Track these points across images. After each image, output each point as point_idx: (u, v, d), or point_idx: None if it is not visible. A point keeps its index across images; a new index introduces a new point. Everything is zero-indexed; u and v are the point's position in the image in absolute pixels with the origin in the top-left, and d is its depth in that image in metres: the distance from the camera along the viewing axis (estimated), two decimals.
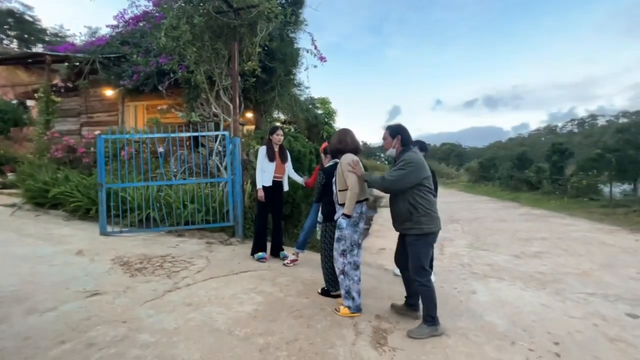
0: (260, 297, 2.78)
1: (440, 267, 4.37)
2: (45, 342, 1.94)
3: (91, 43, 8.24)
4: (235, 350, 2.00)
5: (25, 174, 6.15)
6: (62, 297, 2.56)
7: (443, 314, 2.81)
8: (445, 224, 7.94)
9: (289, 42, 6.50)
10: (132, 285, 2.85)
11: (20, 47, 33.01)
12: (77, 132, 8.46)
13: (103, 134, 4.91)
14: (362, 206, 2.68)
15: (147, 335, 2.09)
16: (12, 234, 4.29)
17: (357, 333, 2.37)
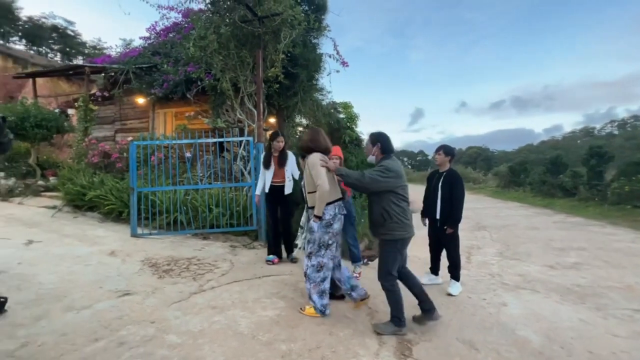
0: (283, 302, 2.79)
1: (467, 277, 4.20)
2: (81, 339, 2.04)
3: (125, 54, 8.73)
4: (258, 355, 2.01)
5: (65, 178, 6.57)
6: (96, 296, 2.69)
7: (471, 325, 2.70)
8: (472, 231, 7.64)
9: (311, 48, 6.56)
10: (160, 286, 2.95)
11: (62, 59, 35.53)
12: (112, 138, 8.95)
13: (135, 140, 5.16)
14: (335, 207, 2.60)
15: (173, 336, 2.15)
16: (53, 235, 4.57)
17: (380, 343, 2.31)
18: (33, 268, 3.24)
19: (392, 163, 2.49)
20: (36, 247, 3.98)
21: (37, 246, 4.00)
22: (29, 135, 7.43)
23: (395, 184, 2.44)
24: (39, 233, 4.60)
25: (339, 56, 5.89)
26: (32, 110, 7.49)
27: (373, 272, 4.21)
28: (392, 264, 2.48)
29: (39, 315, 2.31)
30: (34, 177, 7.77)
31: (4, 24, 35.05)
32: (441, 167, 3.57)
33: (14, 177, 7.68)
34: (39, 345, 1.96)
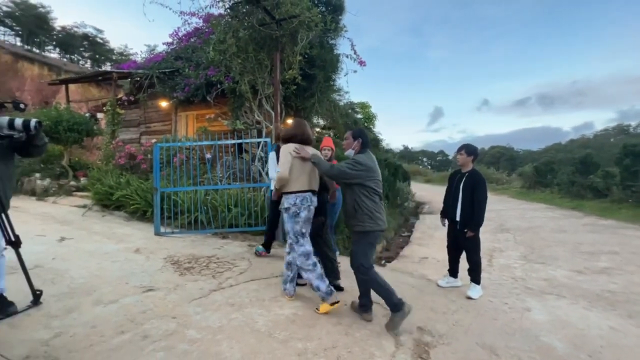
0: (299, 302, 2.81)
1: (488, 280, 4.08)
2: (109, 331, 2.15)
3: (150, 60, 9.08)
4: (274, 352, 2.04)
5: (95, 178, 6.91)
6: (123, 291, 2.82)
7: (492, 330, 2.62)
8: (495, 233, 7.40)
9: (328, 49, 6.58)
10: (181, 283, 3.05)
11: (92, 66, 37.38)
12: (137, 140, 9.34)
13: (159, 142, 5.36)
14: (296, 197, 2.67)
15: (194, 331, 2.22)
16: (83, 232, 4.83)
17: (397, 345, 2.29)
18: (65, 263, 3.43)
19: (364, 157, 2.57)
20: (68, 243, 4.21)
21: (69, 243, 4.24)
22: (62, 139, 7.87)
23: (364, 176, 2.52)
24: (71, 230, 4.87)
25: (356, 56, 5.87)
26: (64, 115, 7.93)
27: (389, 273, 4.17)
28: (364, 256, 2.55)
29: (71, 308, 2.45)
30: (67, 178, 8.22)
31: (41, 34, 37.24)
32: (463, 168, 3.47)
33: (49, 178, 8.16)
34: (71, 336, 2.08)
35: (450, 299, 3.26)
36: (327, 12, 6.29)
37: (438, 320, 2.76)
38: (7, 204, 2.28)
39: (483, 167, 29.93)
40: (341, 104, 10.24)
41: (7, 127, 2.01)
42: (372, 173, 2.56)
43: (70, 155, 8.83)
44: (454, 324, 2.71)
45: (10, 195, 2.35)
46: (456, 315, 2.90)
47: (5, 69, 22.89)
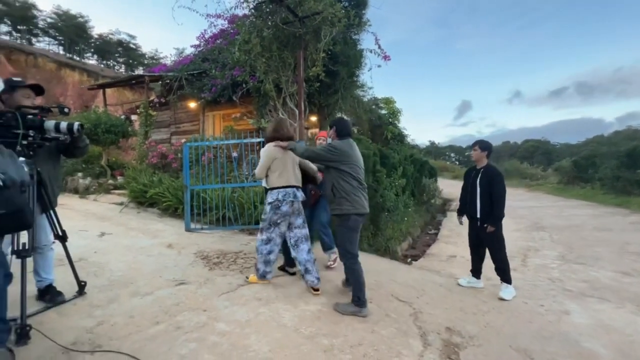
0: (325, 298, 2.83)
1: (522, 281, 3.89)
2: (145, 322, 2.27)
3: (179, 62, 9.44)
4: (300, 347, 2.07)
5: (130, 177, 7.31)
6: (157, 283, 2.97)
7: (526, 333, 2.50)
8: (529, 231, 7.03)
9: (352, 44, 6.51)
10: (211, 277, 3.16)
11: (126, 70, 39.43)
12: (168, 140, 9.75)
13: (188, 141, 5.56)
14: (278, 193, 2.90)
15: (223, 324, 2.30)
16: (121, 228, 5.13)
17: (425, 344, 2.24)
18: (106, 257, 3.66)
19: (340, 143, 2.71)
20: (108, 238, 4.50)
21: (108, 238, 4.52)
22: (100, 140, 8.38)
23: (338, 160, 2.65)
24: (110, 226, 5.18)
25: (381, 50, 5.77)
26: (102, 118, 8.43)
27: (407, 272, 4.09)
28: (349, 243, 2.65)
29: (111, 299, 2.61)
30: (105, 177, 8.76)
31: (80, 42, 39.76)
32: (478, 163, 3.43)
33: (90, 177, 8.73)
34: (112, 325, 2.22)
35: (480, 300, 3.15)
36: (350, 7, 6.21)
37: (468, 320, 2.67)
38: (55, 202, 2.47)
39: (516, 162, 28.47)
40: (365, 100, 10.11)
41: (54, 130, 2.16)
42: (348, 158, 2.67)
43: (108, 155, 9.39)
44: (485, 325, 2.61)
45: (57, 194, 2.54)
46: (487, 316, 2.79)
47: (50, 76, 24.70)
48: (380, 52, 5.85)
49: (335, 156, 2.65)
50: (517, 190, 17.65)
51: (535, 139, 57.23)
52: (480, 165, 3.41)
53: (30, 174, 2.02)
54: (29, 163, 2.07)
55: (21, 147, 2.05)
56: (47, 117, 2.20)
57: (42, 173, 2.24)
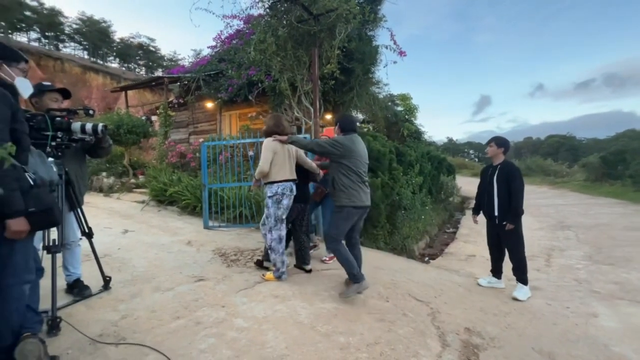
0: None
1: (546, 282, 3.76)
2: (166, 316, 2.34)
3: (196, 63, 9.64)
4: (317, 345, 2.07)
5: (151, 176, 7.54)
6: (177, 279, 3.05)
7: (550, 336, 2.42)
8: (553, 230, 6.77)
9: (367, 41, 6.45)
10: (228, 274, 3.22)
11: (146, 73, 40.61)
12: (187, 140, 9.99)
13: (206, 141, 5.67)
14: (278, 186, 2.99)
15: (241, 320, 2.33)
16: (142, 225, 5.30)
17: (443, 345, 2.20)
18: (129, 253, 3.80)
19: (344, 138, 2.82)
20: (130, 235, 4.66)
21: (131, 235, 4.69)
22: (122, 140, 8.68)
23: (341, 154, 2.75)
24: (132, 224, 5.37)
25: (396, 46, 5.67)
26: (125, 119, 8.72)
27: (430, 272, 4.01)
28: (337, 230, 2.78)
29: (134, 293, 2.71)
30: (128, 176, 9.08)
31: (103, 46, 41.26)
32: (494, 160, 3.35)
33: (113, 176, 9.07)
34: (135, 319, 2.30)
35: (501, 300, 3.06)
36: (366, 2, 6.15)
37: (488, 321, 2.60)
38: (82, 200, 2.58)
39: (539, 159, 27.41)
40: (380, 97, 10.00)
41: (80, 132, 2.25)
42: (350, 152, 2.77)
43: (130, 155, 9.71)
44: (506, 327, 2.53)
45: (84, 192, 2.65)
46: (509, 317, 2.71)
47: (76, 80, 25.80)
48: (395, 48, 5.75)
49: (337, 150, 2.75)
50: (540, 188, 17.02)
51: (560, 134, 54.91)
52: (496, 162, 3.34)
53: (58, 174, 2.11)
54: (58, 163, 2.17)
55: (50, 148, 2.15)
56: (73, 119, 2.29)
57: (69, 173, 2.34)
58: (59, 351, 1.84)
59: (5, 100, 1.47)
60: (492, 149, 3.34)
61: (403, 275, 3.53)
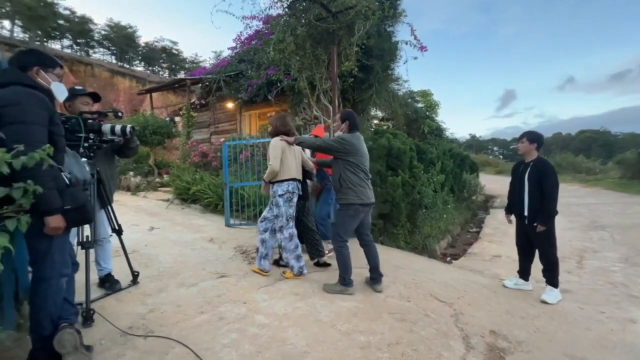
0: (361, 295, 2.81)
1: (578, 285, 3.58)
2: (190, 311, 2.42)
3: (217, 65, 9.84)
4: (337, 343, 2.07)
5: (175, 175, 7.79)
6: (201, 275, 3.14)
7: (584, 341, 2.30)
8: (586, 230, 6.43)
9: (386, 37, 6.34)
10: (249, 271, 3.27)
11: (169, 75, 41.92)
12: (208, 140, 10.23)
13: (227, 141, 5.79)
14: (288, 185, 3.05)
15: (262, 317, 2.37)
16: (167, 223, 5.49)
17: (467, 347, 2.14)
18: (155, 249, 3.95)
19: (350, 137, 2.85)
20: (156, 232, 4.84)
21: (157, 232, 4.87)
22: (148, 141, 9.00)
23: (347, 152, 2.80)
24: (158, 221, 5.58)
25: (417, 41, 5.57)
26: (150, 120, 9.05)
27: (452, 273, 3.91)
28: (344, 227, 2.83)
29: (161, 288, 2.81)
30: (153, 175, 9.43)
31: (129, 51, 42.97)
32: (526, 157, 3.17)
33: (139, 176, 9.44)
34: (162, 312, 2.39)
35: (529, 303, 2.94)
36: None
37: (515, 325, 2.51)
38: (112, 198, 2.70)
39: (569, 155, 26.04)
40: (400, 94, 9.83)
41: (110, 133, 2.36)
42: (356, 150, 2.82)
43: (155, 155, 10.07)
44: (534, 331, 2.43)
45: (114, 191, 2.78)
46: (537, 321, 2.60)
47: (105, 84, 27.05)
48: (416, 44, 5.64)
49: (344, 148, 2.80)
50: (571, 186, 16.18)
51: (593, 129, 51.93)
52: (529, 159, 3.15)
53: (91, 173, 2.22)
54: (90, 163, 2.28)
55: (83, 148, 2.26)
56: (104, 121, 2.40)
57: (100, 172, 2.46)
58: (93, 341, 1.94)
59: (44, 104, 1.56)
60: (524, 145, 3.15)
61: (424, 275, 3.46)
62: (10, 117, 1.46)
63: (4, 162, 1.29)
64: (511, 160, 40.85)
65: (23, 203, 1.38)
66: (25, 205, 1.39)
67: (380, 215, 4.79)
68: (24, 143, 1.39)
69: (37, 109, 1.52)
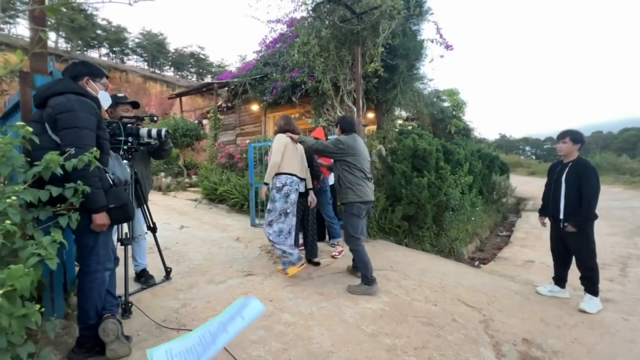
0: (386, 297, 2.79)
1: (622, 294, 3.35)
2: (220, 307, 2.50)
3: (243, 68, 10.10)
4: (362, 344, 2.07)
5: (203, 176, 8.08)
6: (228, 273, 3.24)
7: (628, 355, 2.16)
8: (630, 236, 6.00)
9: (411, 36, 6.25)
10: (275, 270, 3.34)
11: (197, 79, 43.50)
12: (234, 141, 10.53)
13: (252, 142, 5.93)
14: (287, 178, 3.08)
15: (288, 315, 2.42)
16: (196, 222, 5.71)
17: (498, 355, 2.07)
18: (185, 247, 4.12)
19: (346, 138, 2.99)
20: (186, 230, 5.05)
21: (187, 230, 5.07)
22: (178, 143, 9.41)
23: (345, 152, 2.92)
24: (187, 220, 5.81)
25: (443, 39, 5.43)
26: (180, 123, 9.46)
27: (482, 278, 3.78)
28: (353, 227, 2.92)
29: (191, 285, 2.94)
30: (182, 176, 9.83)
31: (160, 57, 45.00)
32: (566, 158, 2.98)
33: (170, 176, 9.88)
34: (193, 307, 2.49)
35: (566, 312, 2.79)
36: None
37: (550, 334, 2.39)
38: (147, 198, 2.86)
39: (610, 155, 24.32)
40: (425, 93, 9.63)
41: (147, 136, 2.51)
42: (353, 150, 2.93)
43: (184, 156, 10.50)
44: (572, 341, 2.31)
45: (149, 191, 2.94)
46: (575, 331, 2.46)
47: (138, 89, 28.55)
48: (442, 42, 5.51)
49: (341, 149, 2.92)
50: (612, 188, 15.11)
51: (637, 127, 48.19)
52: (568, 160, 2.97)
53: (130, 174, 2.37)
54: (129, 165, 2.44)
55: (123, 151, 2.42)
56: (141, 125, 2.55)
57: (137, 173, 2.61)
58: (131, 332, 2.07)
59: (93, 110, 1.70)
60: (567, 145, 2.93)
61: (451, 279, 3.38)
62: (65, 122, 1.59)
63: (58, 164, 1.41)
64: (545, 161, 38.71)
65: (74, 202, 1.50)
66: (75, 204, 1.51)
67: (405, 217, 4.71)
68: (76, 146, 1.52)
69: (88, 114, 1.65)
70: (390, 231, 4.77)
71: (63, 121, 1.59)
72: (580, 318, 2.68)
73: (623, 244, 5.47)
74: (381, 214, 4.83)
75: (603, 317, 2.71)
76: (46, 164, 1.38)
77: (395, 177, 4.76)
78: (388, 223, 4.77)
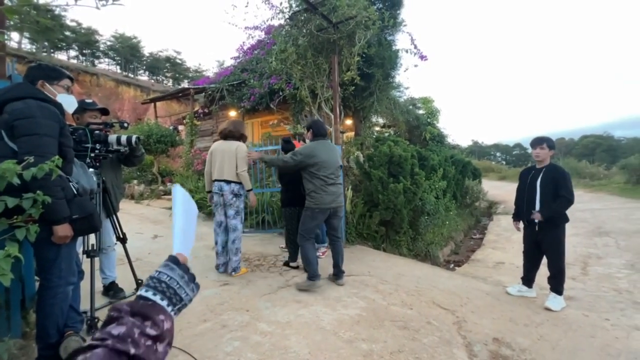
0: (363, 303, 2.81)
1: (582, 291, 3.56)
2: (194, 319, 2.43)
3: (220, 74, 9.98)
4: (340, 351, 2.08)
5: (178, 183, 7.84)
6: (204, 283, 3.15)
7: (588, 349, 2.28)
8: (590, 237, 6.39)
9: (387, 46, 6.44)
10: (252, 279, 3.29)
11: (173, 84, 42.45)
12: None
13: None
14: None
15: (264, 324, 2.38)
16: (170, 231, 5.51)
17: (470, 355, 2.14)
18: (158, 258, 3.97)
19: (306, 147, 3.09)
20: (160, 240, 4.87)
21: (160, 240, 4.90)
22: (152, 149, 9.10)
23: (304, 162, 3.01)
24: (161, 229, 5.61)
25: (417, 50, 5.64)
26: (154, 129, 9.17)
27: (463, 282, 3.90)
28: (304, 226, 3.09)
29: None
30: (157, 183, 9.50)
31: (134, 61, 43.64)
32: (541, 163, 3.14)
33: (143, 184, 9.52)
34: None
35: (533, 310, 2.93)
36: (385, 7, 6.16)
37: (518, 332, 2.50)
38: (117, 207, 2.74)
39: (572, 161, 25.95)
40: (401, 101, 9.90)
41: (116, 143, 2.42)
42: (312, 159, 3.00)
43: (158, 163, 10.16)
44: (538, 338, 2.42)
45: (119, 199, 2.82)
46: (541, 328, 2.59)
47: (110, 93, 27.44)
48: (416, 52, 5.72)
49: (301, 160, 3.02)
50: (575, 192, 16.11)
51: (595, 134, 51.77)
52: (541, 165, 3.13)
53: (97, 183, 2.27)
54: (96, 173, 2.33)
55: (90, 159, 2.31)
56: (110, 132, 2.46)
57: (106, 182, 2.51)
58: None
59: (55, 117, 1.62)
60: (544, 151, 3.08)
61: (427, 282, 3.46)
62: (24, 129, 1.51)
63: (15, 173, 1.33)
64: (514, 166, 40.66)
65: (32, 213, 1.42)
66: (34, 215, 1.43)
67: (383, 222, 4.79)
68: (35, 154, 1.44)
69: (48, 121, 1.57)
70: (368, 236, 4.83)
71: (21, 128, 1.51)
72: (545, 316, 2.81)
73: (584, 244, 5.83)
74: (359, 220, 4.88)
75: (566, 315, 2.87)
76: (1, 173, 1.30)
77: (372, 183, 4.85)
78: (366, 228, 4.83)
